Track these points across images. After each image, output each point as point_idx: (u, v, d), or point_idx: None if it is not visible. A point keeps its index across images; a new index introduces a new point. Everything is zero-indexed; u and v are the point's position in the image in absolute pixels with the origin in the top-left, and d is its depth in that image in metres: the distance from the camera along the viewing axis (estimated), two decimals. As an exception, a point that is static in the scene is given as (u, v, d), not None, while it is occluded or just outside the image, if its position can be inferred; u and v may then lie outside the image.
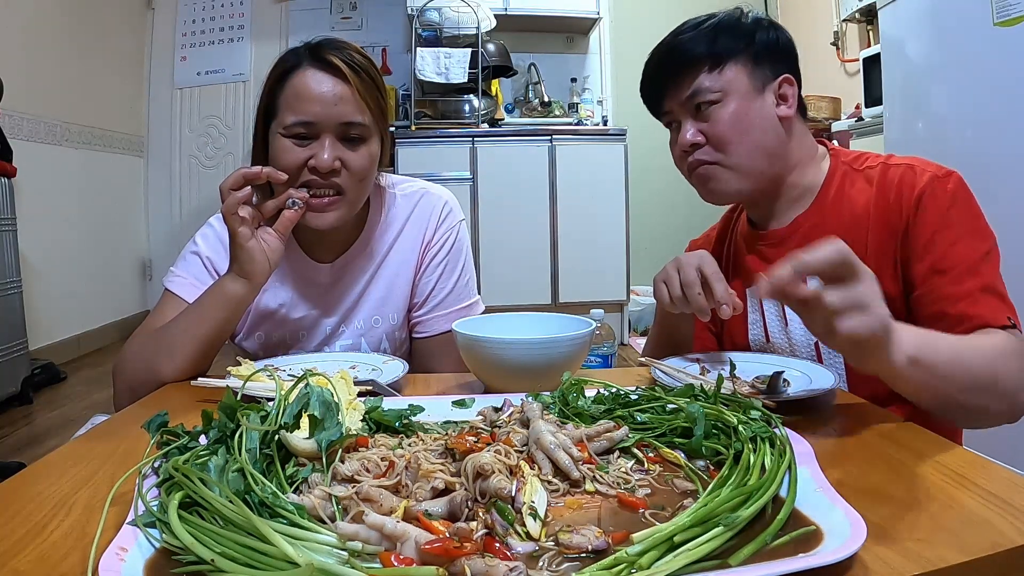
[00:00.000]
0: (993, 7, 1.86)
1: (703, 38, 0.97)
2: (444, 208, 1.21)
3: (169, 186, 4.60)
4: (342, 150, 1.02)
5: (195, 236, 1.15)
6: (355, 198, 1.06)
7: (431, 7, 3.86)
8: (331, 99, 1.00)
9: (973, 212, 0.91)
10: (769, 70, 0.98)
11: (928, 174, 0.92)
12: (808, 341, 0.99)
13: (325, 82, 1.00)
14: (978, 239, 0.89)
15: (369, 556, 0.42)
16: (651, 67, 1.02)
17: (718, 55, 0.96)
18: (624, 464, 0.60)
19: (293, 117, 1.00)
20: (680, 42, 0.98)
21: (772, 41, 0.99)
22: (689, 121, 0.99)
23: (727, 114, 0.96)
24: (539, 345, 0.84)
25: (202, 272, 1.11)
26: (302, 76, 1.01)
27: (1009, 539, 0.45)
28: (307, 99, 1.00)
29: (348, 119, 1.01)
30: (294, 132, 1.01)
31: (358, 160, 1.03)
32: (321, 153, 1.00)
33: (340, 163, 1.02)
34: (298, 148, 1.00)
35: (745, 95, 0.96)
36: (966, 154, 2.00)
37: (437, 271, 1.19)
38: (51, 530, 0.50)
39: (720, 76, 0.96)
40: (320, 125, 1.00)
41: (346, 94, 1.01)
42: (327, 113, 1.00)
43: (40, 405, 2.93)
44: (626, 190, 3.71)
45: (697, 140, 0.97)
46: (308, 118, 1.00)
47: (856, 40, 3.83)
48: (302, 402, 0.61)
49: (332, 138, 1.01)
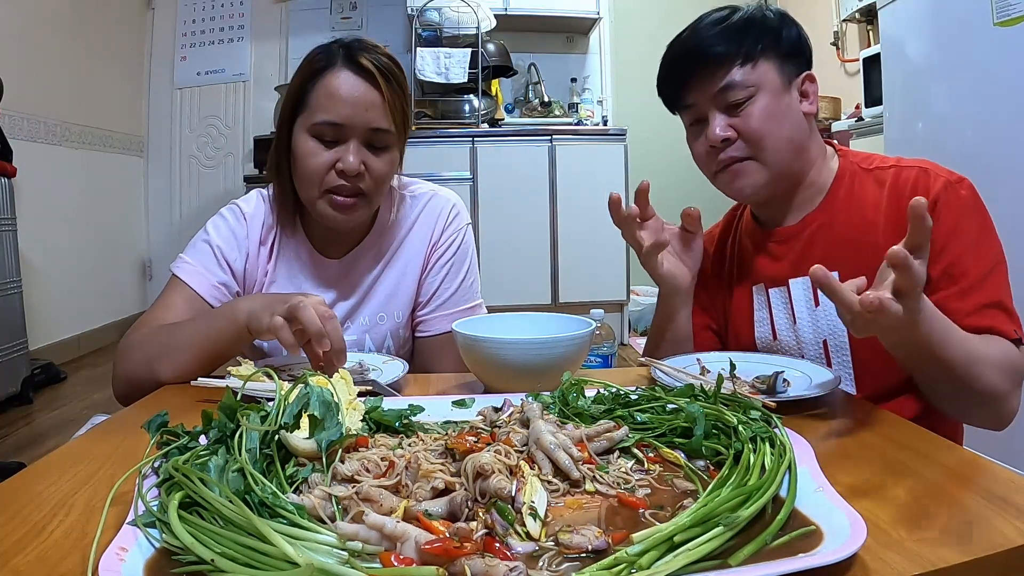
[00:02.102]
0: (993, 7, 1.86)
1: (734, 32, 0.95)
2: (452, 210, 1.23)
3: (169, 186, 4.59)
4: (367, 155, 1.04)
5: (207, 224, 1.15)
6: (375, 200, 1.10)
7: (431, 7, 3.86)
8: (363, 104, 1.02)
9: (985, 222, 0.91)
10: (794, 67, 0.98)
11: (942, 179, 0.91)
12: (816, 339, 0.99)
13: (359, 87, 1.03)
14: (989, 249, 0.90)
15: (369, 556, 0.42)
16: (676, 59, 1.00)
17: (751, 50, 0.95)
18: (624, 464, 0.60)
19: (323, 116, 1.02)
20: (710, 36, 0.96)
21: (796, 38, 0.98)
22: (718, 116, 0.96)
23: (760, 109, 0.94)
24: (539, 345, 0.84)
25: (211, 261, 1.11)
26: (336, 76, 1.03)
27: (1009, 539, 0.45)
28: (339, 101, 1.02)
29: (376, 125, 1.04)
30: (320, 131, 1.03)
31: (381, 166, 1.06)
32: (347, 156, 1.02)
33: (364, 167, 1.04)
34: (324, 151, 1.03)
35: (776, 90, 0.95)
36: (966, 154, 1.99)
37: (443, 271, 1.20)
38: (51, 530, 0.50)
39: (753, 71, 0.94)
40: (348, 128, 1.03)
41: (377, 101, 1.03)
42: (357, 117, 1.02)
43: (40, 405, 2.93)
44: (626, 190, 3.70)
45: (728, 135, 0.95)
46: (338, 120, 1.02)
47: (856, 40, 3.83)
48: (302, 402, 0.61)
49: (358, 142, 1.03)
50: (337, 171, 1.03)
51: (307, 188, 1.06)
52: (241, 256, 1.12)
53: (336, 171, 1.03)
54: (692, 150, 1.03)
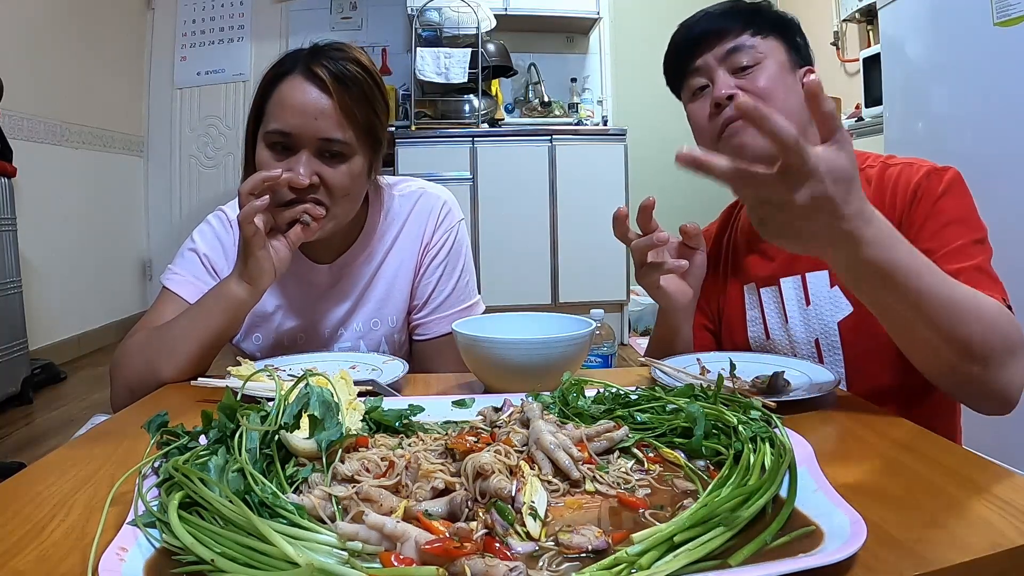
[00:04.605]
0: (993, 7, 1.86)
1: (746, 10, 0.97)
2: (443, 208, 1.20)
3: (169, 186, 4.60)
4: (320, 166, 0.99)
5: (192, 233, 1.15)
6: (340, 213, 1.04)
7: (431, 7, 3.86)
8: (312, 112, 0.98)
9: (966, 203, 0.90)
10: (799, 56, 0.99)
11: (925, 168, 0.92)
12: (808, 338, 0.99)
13: (309, 93, 0.98)
14: (970, 228, 0.88)
15: (369, 556, 0.42)
16: (687, 29, 1.00)
17: (761, 25, 0.96)
18: (624, 464, 0.60)
19: (274, 124, 0.99)
20: (721, 12, 0.97)
21: (801, 37, 1.00)
22: (725, 75, 0.95)
23: (767, 73, 0.94)
24: (539, 345, 0.84)
25: (200, 270, 1.10)
26: (290, 84, 0.99)
27: (1009, 539, 0.45)
28: (289, 109, 0.98)
29: (326, 135, 0.98)
30: (272, 140, 0.99)
31: (336, 177, 1.00)
32: (297, 167, 0.97)
33: (319, 179, 0.99)
34: (276, 162, 0.99)
35: (783, 64, 0.96)
36: (966, 154, 2.00)
37: (436, 273, 1.18)
38: (51, 530, 0.50)
39: (763, 41, 0.95)
40: (297, 138, 0.98)
41: (328, 109, 0.98)
42: (306, 126, 0.98)
43: (40, 405, 2.93)
44: (626, 190, 3.71)
45: (734, 92, 0.92)
46: (286, 128, 0.98)
47: (856, 40, 3.83)
48: (302, 402, 0.61)
49: (309, 153, 0.99)
50: None
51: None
52: (228, 263, 1.11)
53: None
54: (693, 124, 1.00)
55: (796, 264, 1.01)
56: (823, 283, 0.98)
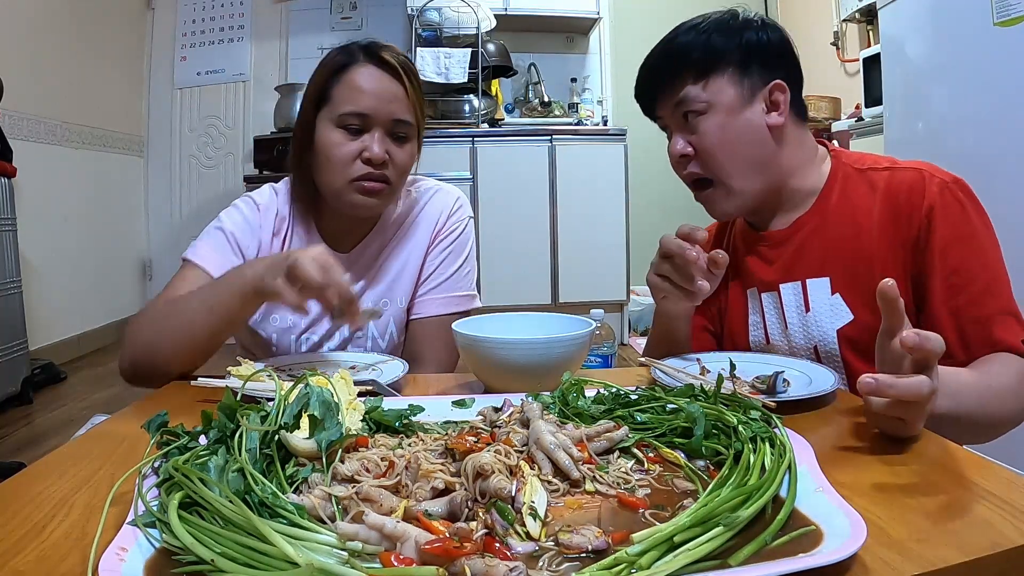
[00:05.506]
0: (993, 7, 1.86)
1: (693, 45, 0.96)
2: (456, 202, 1.27)
3: (169, 186, 4.59)
4: (390, 145, 1.09)
5: (220, 214, 1.17)
6: (397, 190, 1.15)
7: (431, 7, 3.86)
8: (386, 96, 1.08)
9: (984, 222, 0.91)
10: (759, 75, 0.96)
11: (936, 181, 0.91)
12: (807, 344, 0.99)
13: (383, 80, 1.08)
14: (991, 251, 0.90)
15: (369, 556, 0.42)
16: (644, 72, 1.02)
17: (704, 67, 0.95)
18: (624, 464, 0.60)
19: (349, 107, 1.07)
20: (671, 48, 0.98)
21: (763, 44, 0.96)
22: (678, 131, 0.99)
23: (713, 127, 0.95)
24: (539, 345, 0.84)
25: (225, 246, 1.12)
26: (359, 71, 1.08)
27: (1009, 539, 0.45)
28: (364, 93, 1.07)
29: (399, 116, 1.09)
30: (346, 122, 1.07)
31: (402, 156, 1.11)
32: (373, 145, 1.07)
33: (388, 156, 1.08)
34: (350, 141, 1.07)
35: (731, 108, 0.95)
36: (966, 154, 2.00)
37: (441, 255, 1.23)
38: (51, 530, 0.50)
39: (705, 90, 0.95)
40: (372, 119, 1.07)
41: (400, 93, 1.09)
42: (381, 108, 1.07)
43: (40, 405, 2.93)
44: (626, 190, 3.71)
45: (687, 152, 0.97)
46: (363, 110, 1.07)
47: (856, 40, 3.83)
48: (302, 402, 0.61)
49: (382, 132, 1.08)
50: (363, 159, 1.07)
51: (333, 177, 1.09)
52: (254, 244, 1.14)
53: (362, 159, 1.07)
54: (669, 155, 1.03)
55: (796, 269, 1.00)
56: (824, 290, 0.97)
